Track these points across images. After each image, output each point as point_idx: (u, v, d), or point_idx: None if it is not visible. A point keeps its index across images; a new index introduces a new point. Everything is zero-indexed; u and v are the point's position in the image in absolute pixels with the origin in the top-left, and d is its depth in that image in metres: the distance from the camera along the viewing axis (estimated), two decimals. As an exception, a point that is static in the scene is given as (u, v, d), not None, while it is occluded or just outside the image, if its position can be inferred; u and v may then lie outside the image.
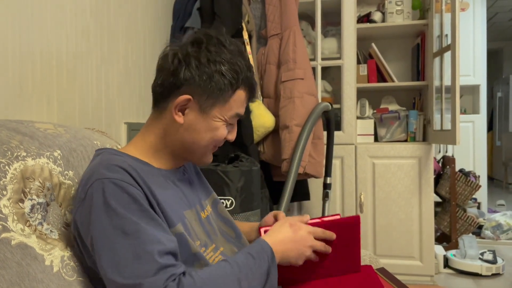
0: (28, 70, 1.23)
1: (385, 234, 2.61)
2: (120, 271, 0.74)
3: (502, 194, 5.97)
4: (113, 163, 0.84)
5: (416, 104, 2.81)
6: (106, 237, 0.77)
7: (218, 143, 0.96)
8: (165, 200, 0.87)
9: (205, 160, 0.98)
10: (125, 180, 0.81)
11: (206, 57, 0.88)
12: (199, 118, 0.91)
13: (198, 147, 0.93)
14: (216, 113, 0.91)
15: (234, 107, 0.92)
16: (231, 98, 0.91)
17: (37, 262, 0.75)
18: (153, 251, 0.75)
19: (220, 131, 0.93)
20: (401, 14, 2.67)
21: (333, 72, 2.89)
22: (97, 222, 0.78)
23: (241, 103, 0.94)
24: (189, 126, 0.91)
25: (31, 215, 0.80)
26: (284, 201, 1.99)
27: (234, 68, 0.90)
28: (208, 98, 0.89)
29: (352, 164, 2.64)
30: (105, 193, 0.79)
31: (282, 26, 2.32)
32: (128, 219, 0.77)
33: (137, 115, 1.89)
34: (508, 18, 6.49)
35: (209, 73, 0.88)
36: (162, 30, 2.19)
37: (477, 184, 3.15)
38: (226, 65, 0.89)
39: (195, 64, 0.88)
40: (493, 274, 2.67)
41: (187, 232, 0.89)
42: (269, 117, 2.23)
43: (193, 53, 0.88)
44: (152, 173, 0.91)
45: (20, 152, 0.84)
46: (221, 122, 0.92)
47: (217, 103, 0.90)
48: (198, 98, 0.89)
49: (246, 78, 0.92)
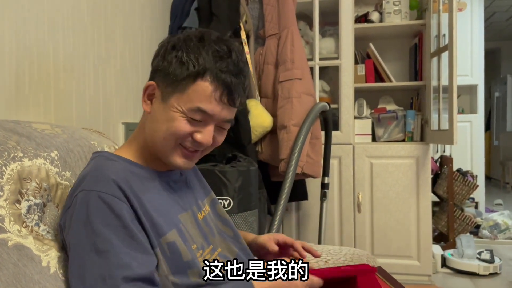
0: (25, 70, 1.23)
1: (382, 233, 2.61)
2: (83, 286, 0.74)
3: (500, 194, 5.99)
4: (103, 173, 0.82)
5: (414, 104, 2.82)
6: (79, 250, 0.76)
7: (180, 140, 0.87)
8: (157, 208, 0.85)
9: (173, 161, 0.89)
10: (111, 193, 0.79)
11: (173, 45, 0.86)
12: (160, 107, 0.87)
13: (158, 139, 0.88)
14: (174, 102, 0.85)
15: (194, 99, 0.84)
16: (190, 88, 0.84)
17: (34, 263, 0.75)
18: (118, 277, 0.73)
19: (176, 123, 0.85)
20: (398, 14, 2.67)
21: (331, 72, 2.89)
22: (75, 234, 0.78)
23: (205, 98, 0.84)
24: (153, 115, 0.88)
25: (27, 216, 0.80)
26: (282, 201, 1.99)
27: (198, 58, 0.83)
28: (168, 86, 0.85)
29: (350, 164, 2.64)
30: (88, 206, 0.78)
31: (280, 26, 2.32)
32: (104, 238, 0.76)
33: (135, 115, 1.89)
34: (506, 18, 6.50)
35: (169, 59, 0.85)
36: (160, 30, 2.19)
37: (474, 183, 3.16)
38: (190, 54, 0.84)
39: (163, 51, 0.87)
40: (490, 274, 2.68)
41: (182, 237, 0.87)
42: (267, 117, 2.23)
43: (168, 44, 0.88)
44: (147, 177, 0.89)
45: (17, 153, 0.84)
46: (178, 113, 0.85)
47: (176, 92, 0.85)
48: (161, 86, 0.87)
49: (214, 70, 0.84)
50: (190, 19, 2.13)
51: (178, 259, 0.85)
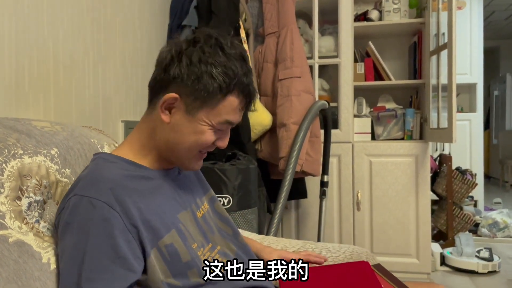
0: (25, 68, 1.23)
1: (382, 232, 2.62)
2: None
3: (499, 192, 6.00)
4: (99, 178, 0.83)
5: (413, 102, 2.82)
6: (64, 253, 0.78)
7: (204, 149, 0.91)
8: (155, 210, 0.85)
9: (190, 166, 0.93)
10: (104, 199, 0.78)
11: (198, 57, 0.84)
12: (184, 119, 0.87)
13: (181, 149, 0.89)
14: (203, 116, 0.86)
15: (223, 113, 0.87)
16: (221, 103, 0.86)
17: (34, 259, 0.76)
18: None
19: (205, 136, 0.88)
20: (398, 13, 2.67)
21: (330, 70, 2.89)
22: (63, 236, 0.79)
23: (232, 110, 0.88)
24: (174, 126, 0.88)
25: (28, 213, 0.80)
26: (281, 200, 2.00)
27: (227, 72, 0.85)
28: (195, 100, 0.85)
29: (349, 162, 2.64)
30: (77, 211, 0.78)
31: (279, 24, 2.32)
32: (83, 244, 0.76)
33: (134, 113, 1.89)
34: (505, 17, 6.51)
35: (198, 73, 0.84)
36: (159, 28, 2.19)
37: (473, 182, 3.16)
38: (218, 68, 0.84)
39: (186, 62, 0.85)
40: (489, 272, 2.68)
41: (182, 237, 0.87)
42: (267, 115, 2.24)
43: (187, 51, 0.85)
44: (146, 177, 0.89)
45: (17, 150, 0.84)
46: (207, 126, 0.87)
47: (204, 106, 0.86)
48: (185, 98, 0.86)
49: (241, 84, 0.87)
50: (190, 17, 2.13)
51: (177, 261, 0.85)
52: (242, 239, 1.06)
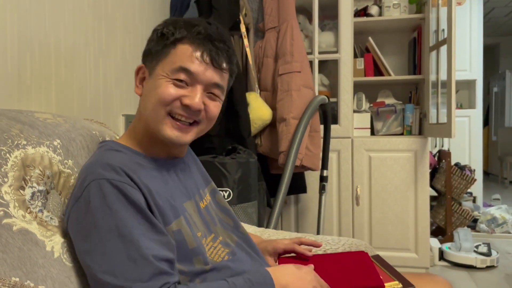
0: (27, 61, 1.23)
1: (381, 226, 2.63)
2: (112, 272, 0.73)
3: (498, 189, 6.01)
4: (110, 162, 0.83)
5: (413, 98, 2.83)
6: (101, 238, 0.76)
7: (169, 106, 0.86)
8: (163, 197, 0.86)
9: (164, 133, 0.88)
10: (123, 180, 0.80)
11: (155, 28, 0.92)
12: (148, 82, 0.91)
13: (149, 113, 0.89)
14: (160, 71, 0.87)
15: (177, 60, 0.86)
16: (172, 53, 0.87)
17: (38, 247, 0.77)
18: (148, 256, 0.75)
19: (162, 88, 0.86)
20: (398, 8, 2.68)
21: (330, 65, 2.90)
22: (92, 222, 0.77)
23: (187, 58, 0.86)
24: (143, 94, 0.92)
25: (31, 202, 0.81)
26: (281, 194, 2.01)
27: (171, 24, 0.89)
28: (152, 60, 0.89)
29: (348, 157, 2.65)
30: (103, 193, 0.78)
31: (280, 19, 2.33)
32: (125, 221, 0.76)
33: (135, 107, 1.89)
34: (505, 14, 6.51)
35: (152, 37, 0.91)
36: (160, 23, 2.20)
37: (472, 177, 3.17)
38: (163, 25, 0.90)
39: (150, 37, 0.93)
40: (487, 267, 2.70)
41: (188, 225, 0.89)
42: (267, 110, 2.25)
43: None
44: (151, 166, 0.90)
45: (20, 141, 0.85)
46: (163, 78, 0.86)
47: (159, 62, 0.88)
48: (148, 65, 0.91)
49: (191, 32, 0.87)
50: (190, 12, 2.14)
51: (184, 247, 0.86)
52: (244, 230, 1.08)
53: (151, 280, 0.73)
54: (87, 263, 0.77)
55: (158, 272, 0.75)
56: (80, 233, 0.79)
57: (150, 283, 0.73)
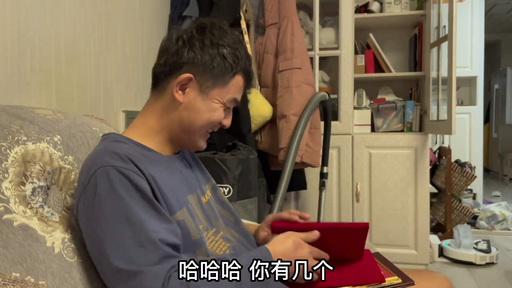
0: (27, 57, 1.23)
1: (381, 223, 2.63)
2: (122, 256, 0.75)
3: (498, 186, 6.01)
4: (116, 151, 0.84)
5: (413, 94, 2.83)
6: (110, 223, 0.77)
7: (213, 127, 0.98)
8: (168, 187, 0.88)
9: (199, 144, 0.99)
10: (130, 168, 0.82)
11: (210, 40, 0.92)
12: (198, 98, 0.93)
13: (195, 127, 0.94)
14: (215, 94, 0.93)
15: (232, 91, 0.95)
16: (230, 82, 0.94)
17: (39, 243, 0.77)
18: (156, 240, 0.76)
19: (217, 113, 0.95)
20: (399, 4, 2.67)
21: (330, 62, 2.89)
22: (100, 209, 0.78)
23: (238, 89, 0.97)
24: (188, 105, 0.93)
25: (32, 198, 0.81)
26: (281, 190, 2.01)
27: (235, 53, 0.93)
28: (209, 79, 0.92)
29: (348, 154, 2.65)
30: (110, 180, 0.79)
31: (280, 15, 2.32)
32: (132, 207, 0.78)
33: (135, 103, 1.90)
34: (506, 10, 6.49)
35: (212, 54, 0.92)
36: (160, 19, 2.19)
37: (472, 174, 3.17)
38: (228, 49, 0.92)
39: (199, 45, 0.92)
40: (487, 263, 2.71)
41: (192, 216, 0.90)
42: (267, 107, 2.25)
43: (197, 36, 0.92)
44: (155, 158, 0.92)
45: (20, 136, 0.85)
46: (219, 104, 0.94)
47: (217, 85, 0.93)
48: (199, 78, 0.92)
49: (245, 65, 0.96)
50: (190, 8, 2.13)
51: (187, 237, 0.87)
52: (244, 226, 1.09)
53: (160, 263, 0.75)
54: (97, 249, 0.78)
55: (166, 255, 0.77)
56: (88, 220, 0.80)
57: (159, 266, 0.75)
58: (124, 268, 0.74)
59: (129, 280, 0.74)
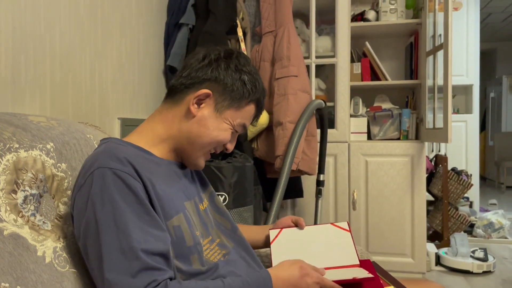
0: (21, 64, 1.23)
1: (377, 231, 2.62)
2: (104, 262, 0.75)
3: (494, 194, 6.02)
4: (116, 153, 0.85)
5: (409, 102, 2.83)
6: (97, 226, 0.77)
7: (217, 147, 1.00)
8: (166, 192, 0.88)
9: (199, 162, 1.00)
10: (126, 171, 0.82)
11: (235, 64, 0.97)
12: (212, 115, 0.96)
13: (201, 142, 0.96)
14: (228, 115, 0.97)
15: (243, 117, 0.99)
16: (244, 108, 0.98)
17: (29, 252, 0.76)
18: (138, 249, 0.76)
19: (225, 134, 0.97)
20: (394, 13, 2.68)
21: (327, 70, 2.90)
22: (91, 209, 0.79)
23: (249, 116, 1.01)
24: (200, 119, 0.96)
25: (24, 206, 0.80)
26: (277, 198, 2.00)
27: (255, 82, 0.99)
28: (226, 99, 0.96)
29: (345, 161, 2.65)
30: (104, 181, 0.80)
31: (277, 23, 2.33)
32: (121, 211, 0.78)
33: (131, 110, 1.89)
34: (502, 19, 6.53)
35: (234, 77, 0.96)
36: (156, 26, 2.19)
37: (469, 182, 3.17)
38: (249, 76, 0.98)
39: (224, 66, 0.96)
40: (484, 272, 2.70)
41: (188, 222, 0.90)
42: (263, 114, 2.24)
43: (224, 58, 0.97)
44: (155, 162, 0.93)
45: (12, 144, 0.84)
46: (229, 125, 0.98)
47: (232, 106, 0.97)
48: (217, 96, 0.96)
49: (260, 97, 1.01)
50: (187, 16, 2.14)
51: (182, 243, 0.87)
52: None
53: (137, 277, 0.74)
54: (86, 250, 0.79)
55: (146, 268, 0.75)
56: (80, 220, 0.81)
57: (137, 279, 0.74)
58: (104, 276, 0.75)
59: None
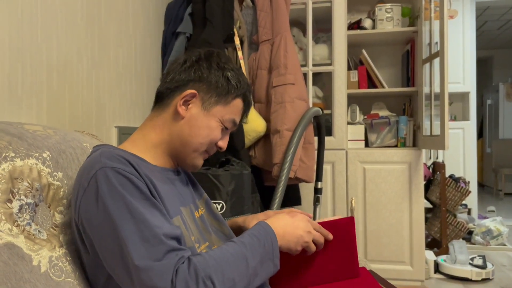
0: (18, 73, 1.23)
1: (375, 239, 2.62)
2: (130, 254, 0.75)
3: (493, 201, 6.02)
4: (115, 155, 0.86)
5: (406, 110, 2.84)
6: (113, 222, 0.78)
7: (210, 145, 1.00)
8: (163, 194, 0.89)
9: (195, 162, 1.00)
10: (127, 170, 0.83)
11: (216, 63, 0.99)
12: (200, 114, 0.97)
13: (193, 143, 0.97)
14: (216, 112, 0.98)
15: (232, 112, 1.00)
16: (232, 103, 0.99)
17: (24, 262, 0.75)
18: (160, 234, 0.77)
19: (215, 131, 0.98)
20: (391, 21, 2.70)
21: (324, 78, 2.91)
22: (103, 209, 0.79)
23: (238, 111, 1.02)
24: (190, 120, 0.97)
25: (19, 215, 0.80)
26: (275, 206, 1.99)
27: (238, 78, 1.00)
28: (212, 96, 0.97)
29: (343, 169, 2.65)
30: (110, 179, 0.81)
31: (274, 32, 2.34)
32: (133, 204, 0.79)
33: (128, 119, 1.89)
34: (498, 27, 6.58)
35: (218, 75, 0.98)
36: (154, 35, 2.20)
37: (467, 189, 3.17)
38: (232, 72, 0.99)
39: (206, 65, 0.98)
40: (483, 279, 2.69)
41: (185, 225, 0.91)
42: (261, 122, 2.24)
43: (205, 58, 0.99)
44: (150, 168, 0.93)
45: (8, 153, 0.84)
46: (218, 123, 0.98)
47: (219, 102, 0.98)
48: (203, 95, 0.97)
49: (246, 91, 1.02)
50: (184, 25, 2.14)
51: (183, 243, 0.87)
52: None
53: (167, 257, 0.76)
54: (106, 248, 0.79)
55: (170, 249, 0.78)
56: (93, 221, 0.81)
57: (166, 260, 0.76)
58: (135, 264, 0.75)
59: (139, 276, 0.75)
